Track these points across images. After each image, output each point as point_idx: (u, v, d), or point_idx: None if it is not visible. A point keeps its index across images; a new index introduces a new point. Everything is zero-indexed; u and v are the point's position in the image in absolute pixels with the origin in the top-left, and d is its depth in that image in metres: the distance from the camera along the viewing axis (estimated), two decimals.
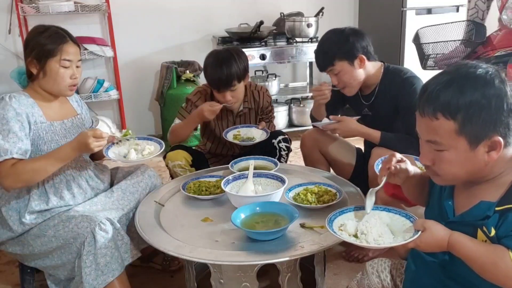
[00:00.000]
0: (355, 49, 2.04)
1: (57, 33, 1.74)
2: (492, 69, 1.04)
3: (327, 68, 2.11)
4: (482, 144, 1.02)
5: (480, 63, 1.06)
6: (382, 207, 1.26)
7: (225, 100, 2.21)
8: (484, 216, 1.03)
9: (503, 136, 1.02)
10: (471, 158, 1.04)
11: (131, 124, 3.89)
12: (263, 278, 1.56)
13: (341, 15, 4.30)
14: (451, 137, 1.03)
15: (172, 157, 2.26)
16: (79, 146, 1.65)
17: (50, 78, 1.72)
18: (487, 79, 1.02)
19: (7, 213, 1.71)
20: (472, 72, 1.03)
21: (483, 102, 0.99)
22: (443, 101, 1.02)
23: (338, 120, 2.14)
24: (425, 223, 1.08)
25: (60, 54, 1.71)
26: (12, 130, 1.62)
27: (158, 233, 1.55)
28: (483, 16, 3.90)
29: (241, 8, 4.09)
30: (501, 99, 1.00)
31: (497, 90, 1.01)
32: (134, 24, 3.87)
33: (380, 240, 1.14)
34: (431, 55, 3.01)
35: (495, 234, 1.01)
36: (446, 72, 1.07)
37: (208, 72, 2.20)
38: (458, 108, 1.00)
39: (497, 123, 1.01)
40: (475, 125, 1.00)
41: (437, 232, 1.05)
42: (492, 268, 0.98)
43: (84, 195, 1.83)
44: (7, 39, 3.57)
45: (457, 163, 1.06)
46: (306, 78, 4.47)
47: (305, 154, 2.39)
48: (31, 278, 1.90)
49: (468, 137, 1.02)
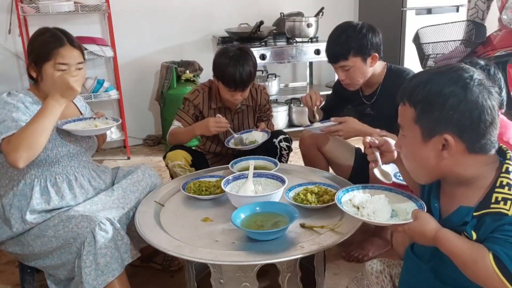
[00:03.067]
0: (371, 46, 2.00)
1: (54, 36, 1.71)
2: (479, 76, 1.04)
3: (339, 62, 2.03)
4: (434, 139, 1.05)
5: (477, 70, 1.06)
6: (399, 190, 1.29)
7: (235, 99, 2.21)
8: (463, 222, 1.05)
9: (465, 140, 1.02)
10: (422, 151, 1.07)
11: (131, 124, 3.89)
12: (263, 278, 1.56)
13: (341, 15, 4.29)
14: (410, 124, 1.08)
15: (172, 157, 2.26)
16: (61, 89, 1.59)
17: (47, 82, 1.71)
18: (460, 80, 1.02)
19: (9, 210, 1.71)
20: (453, 71, 1.05)
21: (440, 99, 1.02)
22: (411, 88, 1.07)
23: (340, 121, 2.07)
24: (419, 213, 1.10)
25: (54, 58, 1.68)
26: (13, 113, 1.61)
27: (158, 233, 1.55)
28: (483, 16, 3.91)
29: (241, 8, 4.10)
30: (465, 103, 1.00)
31: (463, 93, 1.01)
32: (134, 24, 3.87)
33: (372, 216, 1.19)
34: (431, 55, 3.01)
35: (477, 237, 1.02)
36: (438, 67, 1.11)
37: (227, 72, 2.14)
38: (419, 98, 1.05)
39: (450, 123, 1.02)
40: (429, 118, 1.04)
41: (426, 224, 1.07)
42: (473, 265, 1.00)
43: (86, 195, 1.83)
44: (7, 39, 3.57)
45: (412, 153, 1.12)
46: (306, 78, 4.47)
47: (304, 152, 2.38)
48: (31, 278, 1.90)
49: (422, 128, 1.06)
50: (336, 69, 2.09)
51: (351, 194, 1.32)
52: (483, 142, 1.03)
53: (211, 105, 2.34)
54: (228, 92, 2.20)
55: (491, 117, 1.02)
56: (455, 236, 1.04)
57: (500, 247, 0.97)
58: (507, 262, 0.96)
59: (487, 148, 1.05)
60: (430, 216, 1.09)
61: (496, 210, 1.00)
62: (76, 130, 1.76)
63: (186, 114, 2.33)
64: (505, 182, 1.02)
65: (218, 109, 2.34)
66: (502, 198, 1.00)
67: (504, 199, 1.00)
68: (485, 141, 1.03)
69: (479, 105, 1.00)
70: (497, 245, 0.98)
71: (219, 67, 2.19)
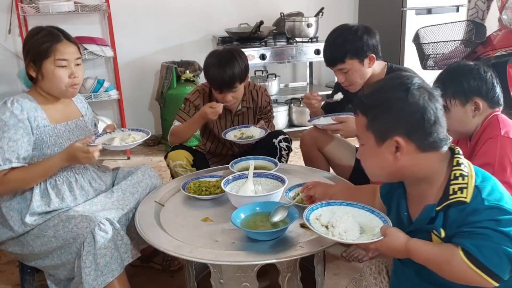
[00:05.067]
0: (367, 48, 2.00)
1: (50, 33, 1.71)
2: (419, 81, 1.10)
3: (336, 65, 2.05)
4: (386, 143, 1.10)
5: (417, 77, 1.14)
6: (361, 205, 1.31)
7: (226, 100, 2.21)
8: (430, 219, 1.09)
9: (414, 140, 1.08)
10: (379, 155, 1.12)
11: (131, 124, 3.88)
12: (263, 278, 1.56)
13: (341, 15, 4.30)
14: (364, 132, 1.14)
15: (173, 156, 2.25)
16: (69, 158, 1.66)
17: (48, 79, 1.71)
18: (401, 86, 1.09)
19: (8, 213, 1.71)
20: (395, 79, 1.13)
21: (385, 105, 1.09)
22: (361, 98, 1.15)
23: (341, 120, 2.09)
24: (387, 229, 1.15)
25: (54, 54, 1.68)
26: (12, 138, 1.63)
27: (158, 233, 1.55)
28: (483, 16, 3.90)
29: (241, 8, 4.10)
30: (408, 106, 1.07)
31: (405, 96, 1.07)
32: (134, 24, 3.87)
33: (344, 235, 1.20)
34: (431, 55, 3.01)
35: (445, 234, 1.06)
36: (383, 78, 1.19)
37: (210, 73, 2.18)
38: (368, 106, 1.13)
39: (398, 126, 1.08)
40: (379, 124, 1.11)
41: (395, 239, 1.11)
42: (448, 267, 1.03)
43: (86, 196, 1.82)
44: (7, 39, 3.57)
45: (370, 159, 1.17)
46: (306, 78, 4.47)
47: (305, 153, 2.38)
48: (31, 278, 1.90)
49: (374, 134, 1.12)
50: (334, 72, 2.10)
51: (317, 212, 1.31)
52: (431, 140, 1.08)
53: None
54: (216, 93, 2.21)
55: (435, 116, 1.08)
56: (424, 243, 1.08)
57: (468, 240, 1.01)
58: (477, 253, 0.99)
59: (437, 146, 1.10)
60: (398, 230, 1.13)
61: (455, 199, 1.04)
62: (118, 146, 1.81)
63: (187, 114, 2.33)
64: (458, 174, 1.07)
65: None
66: (459, 188, 1.05)
67: (460, 188, 1.05)
68: (433, 139, 1.08)
69: (420, 106, 1.07)
70: (465, 239, 1.01)
71: (204, 68, 2.24)
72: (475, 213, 1.01)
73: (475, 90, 1.54)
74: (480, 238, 0.99)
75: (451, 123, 1.61)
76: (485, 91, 1.55)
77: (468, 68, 1.58)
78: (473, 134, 1.60)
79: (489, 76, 1.56)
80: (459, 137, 1.72)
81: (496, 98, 1.57)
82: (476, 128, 1.58)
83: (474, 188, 1.04)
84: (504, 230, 0.98)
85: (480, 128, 1.57)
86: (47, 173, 1.70)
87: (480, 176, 1.07)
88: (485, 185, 1.05)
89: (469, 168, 1.08)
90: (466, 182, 1.05)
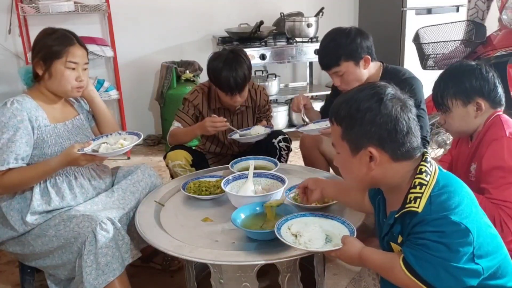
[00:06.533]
0: (361, 50, 2.01)
1: (65, 36, 1.76)
2: (392, 91, 1.10)
3: (332, 69, 2.05)
4: (361, 153, 1.11)
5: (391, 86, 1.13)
6: (333, 216, 1.40)
7: (234, 102, 2.21)
8: (390, 226, 1.13)
9: (387, 150, 1.09)
10: (354, 164, 1.13)
11: (131, 124, 3.89)
12: (263, 278, 1.56)
13: (341, 15, 4.30)
14: (339, 141, 1.15)
15: (173, 156, 2.26)
16: (67, 160, 1.67)
17: (55, 79, 1.74)
18: (374, 96, 1.09)
19: (8, 213, 1.72)
20: (369, 89, 1.12)
21: (359, 115, 1.09)
22: (336, 107, 1.14)
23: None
24: (346, 238, 1.19)
25: (66, 56, 1.73)
26: (11, 139, 1.63)
27: (158, 233, 1.55)
28: (483, 16, 3.90)
29: (241, 8, 4.10)
30: (380, 116, 1.07)
31: (378, 107, 1.07)
32: (134, 24, 3.87)
33: (308, 244, 1.27)
34: (431, 55, 3.01)
35: (402, 241, 1.10)
36: (358, 87, 1.18)
37: (222, 77, 2.13)
38: (342, 116, 1.12)
39: (371, 136, 1.08)
40: (353, 134, 1.11)
41: (352, 248, 1.18)
42: (391, 273, 1.08)
43: (86, 195, 1.83)
44: (7, 39, 3.57)
45: (345, 167, 1.18)
46: (306, 78, 4.47)
47: (305, 153, 2.39)
48: (31, 278, 1.91)
49: (348, 143, 1.12)
50: (330, 75, 2.10)
51: (290, 222, 1.40)
52: (404, 150, 1.09)
53: (210, 106, 2.34)
54: (226, 96, 2.20)
55: (407, 127, 1.08)
56: (374, 251, 1.13)
57: (409, 250, 1.05)
58: (413, 263, 1.03)
59: (411, 155, 1.11)
60: (355, 239, 1.19)
61: (408, 209, 1.07)
62: (107, 153, 1.77)
63: (186, 114, 2.32)
64: (417, 182, 1.08)
65: (217, 110, 2.34)
66: (414, 197, 1.07)
67: (415, 198, 1.07)
68: (406, 149, 1.09)
69: (393, 117, 1.07)
70: (407, 248, 1.05)
71: (213, 72, 2.18)
72: (421, 224, 1.04)
73: (477, 90, 1.54)
74: (420, 248, 1.03)
75: (452, 123, 1.61)
76: (487, 91, 1.54)
77: (470, 68, 1.57)
78: (475, 133, 1.59)
79: (491, 76, 1.55)
80: (459, 137, 1.71)
81: (498, 98, 1.56)
82: (478, 128, 1.58)
83: (428, 198, 1.05)
84: (446, 242, 1.00)
85: (483, 128, 1.56)
86: (44, 176, 1.71)
87: (442, 183, 1.07)
88: (441, 193, 1.05)
89: (432, 176, 1.08)
90: (422, 191, 1.06)
